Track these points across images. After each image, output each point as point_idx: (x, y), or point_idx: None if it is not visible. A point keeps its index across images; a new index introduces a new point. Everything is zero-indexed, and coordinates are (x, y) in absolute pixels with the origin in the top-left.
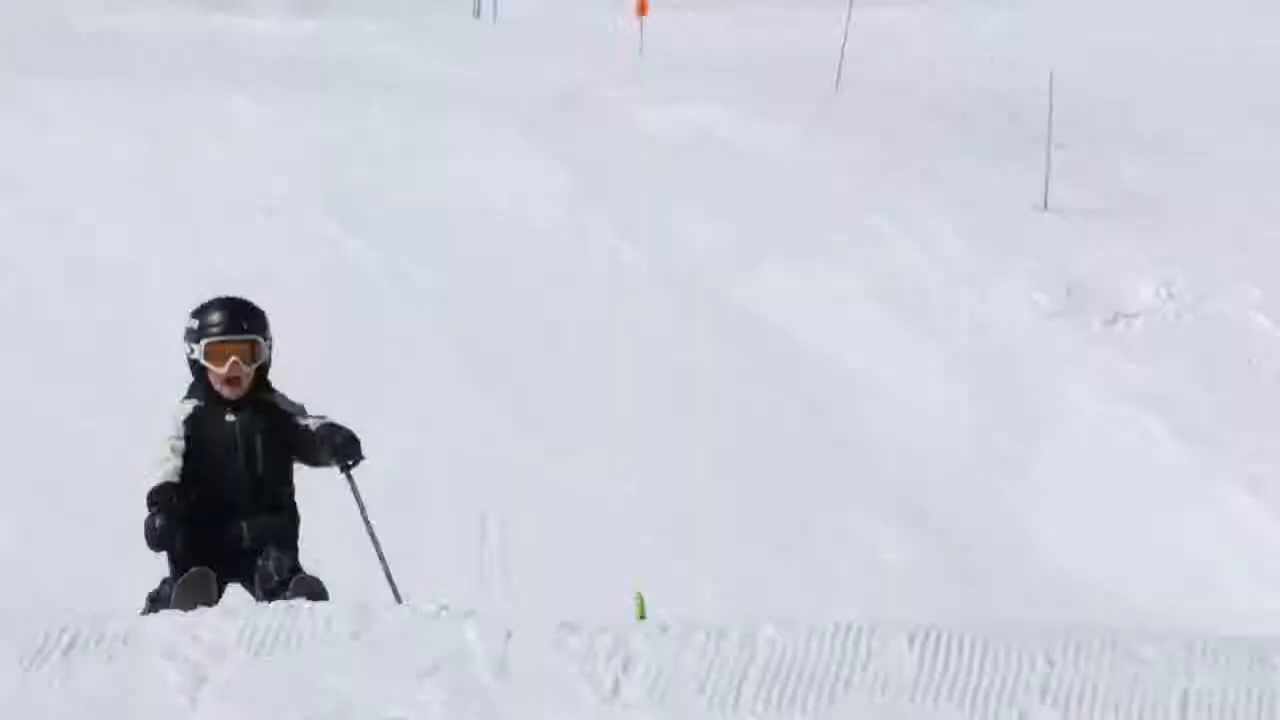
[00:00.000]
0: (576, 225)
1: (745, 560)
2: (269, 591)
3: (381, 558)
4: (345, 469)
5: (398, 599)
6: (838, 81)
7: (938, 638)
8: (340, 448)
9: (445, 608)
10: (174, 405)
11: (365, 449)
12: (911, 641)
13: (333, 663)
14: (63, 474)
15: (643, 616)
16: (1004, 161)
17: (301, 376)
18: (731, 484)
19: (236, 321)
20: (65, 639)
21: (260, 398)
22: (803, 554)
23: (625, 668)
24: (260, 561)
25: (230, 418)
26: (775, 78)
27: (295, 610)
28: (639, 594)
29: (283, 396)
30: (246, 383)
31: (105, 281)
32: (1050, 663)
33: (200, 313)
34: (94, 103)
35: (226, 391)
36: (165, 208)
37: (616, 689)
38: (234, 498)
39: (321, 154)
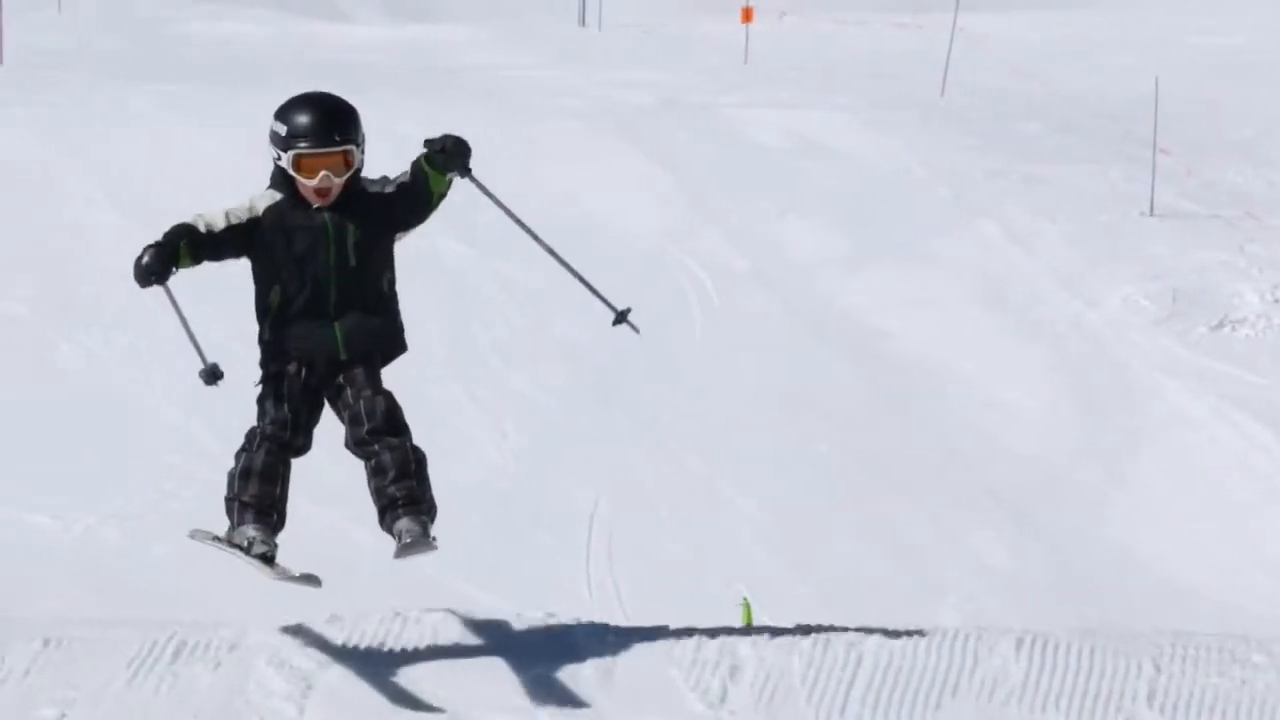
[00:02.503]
0: (681, 230)
1: (848, 565)
2: (357, 440)
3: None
4: (466, 173)
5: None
6: (943, 87)
7: (1044, 644)
8: (453, 154)
9: (552, 614)
10: (256, 191)
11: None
12: (1018, 648)
13: (438, 671)
14: (172, 480)
15: (749, 623)
16: (1109, 166)
17: (406, 378)
18: (835, 488)
19: (329, 131)
20: (172, 645)
21: (350, 192)
22: (906, 558)
23: (732, 675)
24: (349, 390)
25: (316, 207)
26: (880, 84)
27: (401, 619)
28: (745, 601)
29: (368, 180)
30: (338, 191)
31: (204, 282)
32: (1157, 669)
33: (286, 114)
34: (189, 106)
35: (317, 201)
36: None
37: (724, 696)
38: (325, 295)
39: None
